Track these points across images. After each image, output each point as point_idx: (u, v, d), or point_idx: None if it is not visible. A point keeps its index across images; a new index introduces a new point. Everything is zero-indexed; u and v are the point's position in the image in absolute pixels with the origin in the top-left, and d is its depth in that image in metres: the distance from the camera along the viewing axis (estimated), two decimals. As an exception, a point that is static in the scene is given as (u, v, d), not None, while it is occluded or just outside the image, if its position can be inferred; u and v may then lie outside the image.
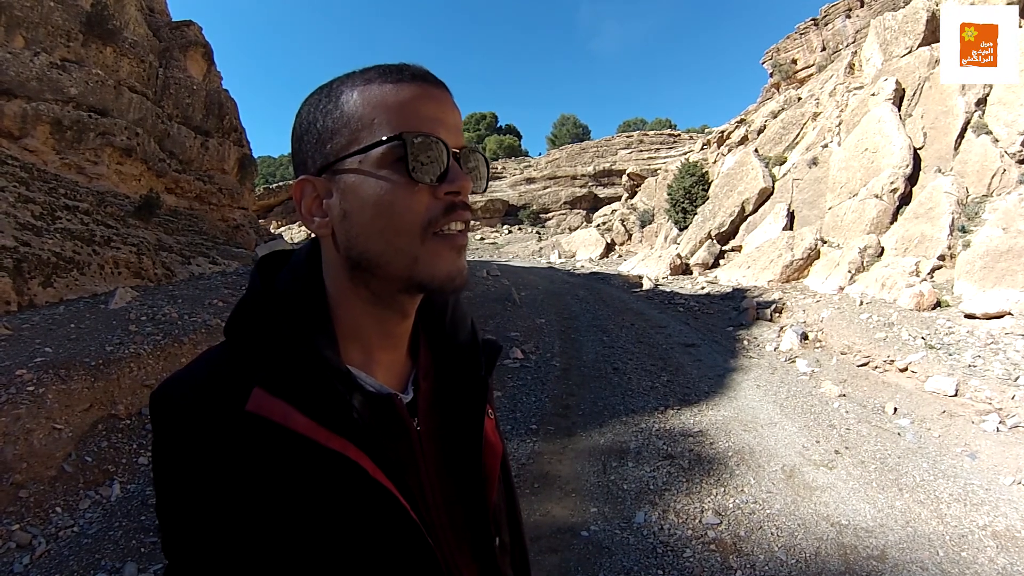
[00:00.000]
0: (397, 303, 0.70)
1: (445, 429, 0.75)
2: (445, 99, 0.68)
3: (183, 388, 0.64)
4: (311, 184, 0.67)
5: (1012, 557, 3.12)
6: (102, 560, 3.35)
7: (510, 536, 0.85)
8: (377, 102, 0.64)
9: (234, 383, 0.62)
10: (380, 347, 0.72)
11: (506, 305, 9.96)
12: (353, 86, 0.66)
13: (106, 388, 4.79)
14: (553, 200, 37.16)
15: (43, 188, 9.91)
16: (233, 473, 0.60)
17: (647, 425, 5.12)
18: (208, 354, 0.69)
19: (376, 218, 0.64)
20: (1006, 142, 9.04)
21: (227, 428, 0.60)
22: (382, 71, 0.66)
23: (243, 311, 0.68)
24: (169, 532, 0.64)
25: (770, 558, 3.20)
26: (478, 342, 0.82)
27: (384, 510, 0.63)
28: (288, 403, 0.61)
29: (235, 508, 0.60)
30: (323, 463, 0.61)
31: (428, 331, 0.80)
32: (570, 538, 3.42)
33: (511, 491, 0.88)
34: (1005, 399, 5.02)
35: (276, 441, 0.60)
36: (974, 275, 7.54)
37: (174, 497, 0.63)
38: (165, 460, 0.63)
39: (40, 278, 7.90)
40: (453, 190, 0.65)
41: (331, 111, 0.66)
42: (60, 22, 11.99)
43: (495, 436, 0.81)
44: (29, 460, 3.92)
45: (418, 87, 0.66)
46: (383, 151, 0.63)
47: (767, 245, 12.36)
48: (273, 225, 35.53)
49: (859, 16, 21.98)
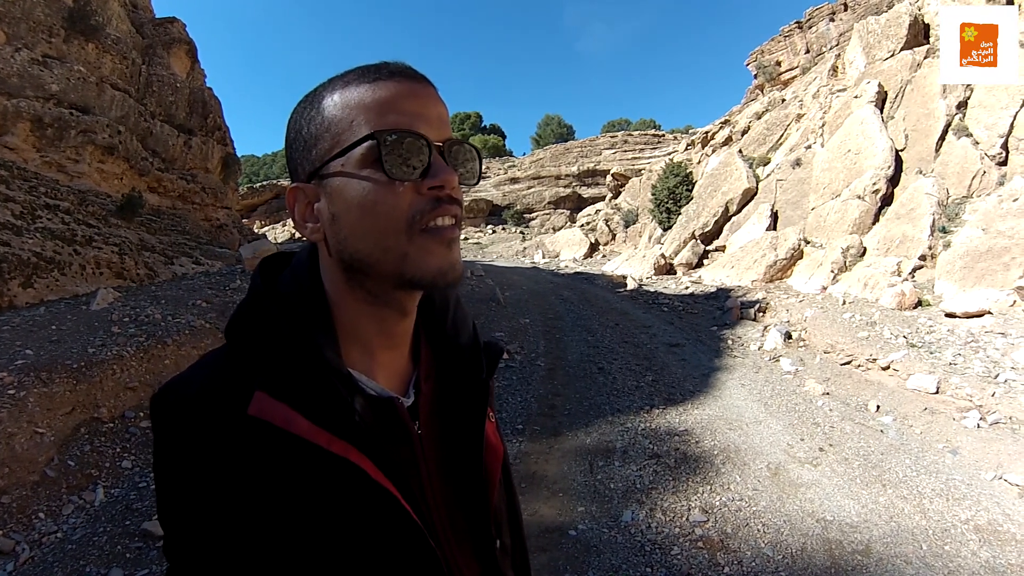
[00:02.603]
0: (395, 301, 0.70)
1: (446, 432, 0.75)
2: (426, 93, 0.67)
3: (185, 391, 0.64)
4: (302, 191, 0.67)
5: (994, 550, 3.17)
6: (87, 566, 3.30)
7: (511, 538, 0.85)
8: (355, 103, 0.64)
9: (236, 386, 0.62)
10: (381, 347, 0.72)
11: (490, 305, 9.96)
12: (333, 90, 0.66)
13: (89, 391, 4.72)
14: (537, 200, 37.24)
15: (23, 187, 9.76)
16: (235, 477, 0.60)
17: (633, 424, 5.15)
18: (209, 356, 0.69)
19: (362, 219, 0.64)
20: (986, 144, 9.20)
21: (229, 432, 0.60)
22: (361, 72, 0.66)
23: (245, 313, 0.68)
24: (171, 534, 0.64)
25: (757, 554, 3.23)
26: (480, 344, 0.82)
27: (386, 513, 0.63)
28: (290, 406, 0.61)
29: (237, 511, 0.60)
30: (325, 467, 0.61)
31: (429, 332, 0.79)
32: (558, 537, 3.43)
33: (512, 493, 0.88)
34: (985, 396, 5.11)
35: (278, 445, 0.60)
36: (955, 275, 7.67)
37: (176, 500, 0.63)
38: (167, 463, 0.63)
39: (20, 279, 7.78)
40: (436, 184, 0.64)
41: (314, 117, 0.66)
42: (42, 17, 11.83)
43: (496, 438, 0.81)
44: (11, 465, 3.85)
45: (396, 83, 0.65)
46: (362, 152, 0.63)
47: (751, 245, 12.47)
48: (256, 225, 35.27)
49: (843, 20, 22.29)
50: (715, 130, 21.57)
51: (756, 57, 26.53)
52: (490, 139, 46.29)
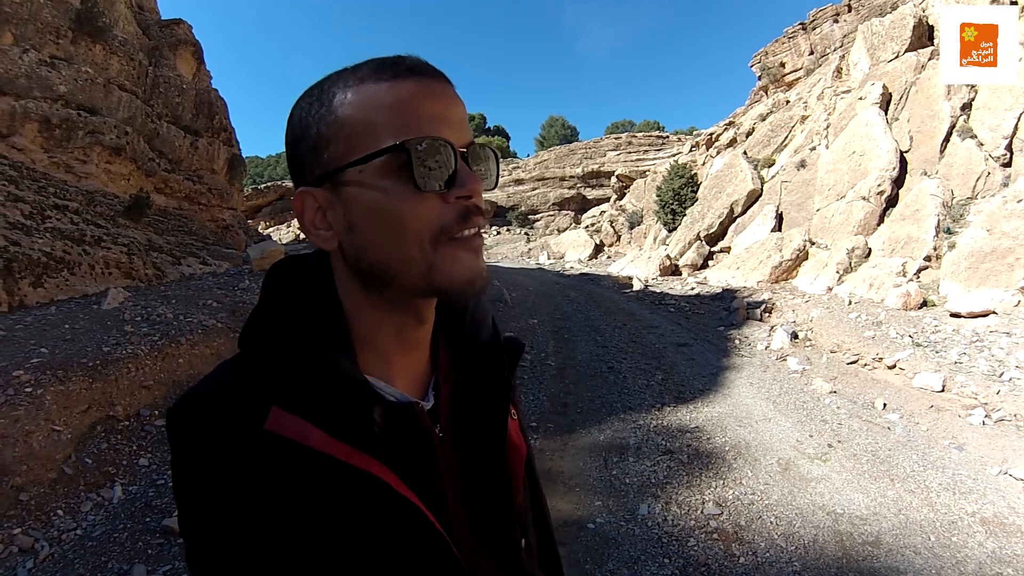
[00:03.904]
0: (414, 308, 0.67)
1: (468, 432, 0.73)
2: (447, 93, 0.63)
3: (200, 405, 0.62)
4: (311, 196, 0.63)
5: (1000, 542, 3.24)
6: (109, 563, 3.31)
7: (537, 537, 0.82)
8: (373, 104, 0.60)
9: (252, 399, 0.60)
10: (398, 352, 0.69)
11: (498, 306, 10.02)
12: (346, 86, 0.61)
13: (104, 389, 4.74)
14: (542, 201, 37.24)
15: (32, 187, 9.81)
16: (256, 492, 0.58)
17: (645, 422, 5.21)
18: (223, 367, 0.66)
19: (384, 229, 0.61)
20: (991, 146, 9.24)
21: (247, 448, 0.58)
22: (375, 67, 0.62)
23: (257, 321, 0.65)
24: (194, 549, 0.62)
25: (771, 545, 3.29)
26: (500, 341, 0.79)
27: (409, 523, 0.61)
28: (307, 420, 0.59)
29: (260, 526, 0.58)
30: (346, 480, 0.59)
31: (448, 332, 0.77)
32: (577, 531, 3.50)
33: (537, 492, 0.86)
34: (990, 394, 5.16)
35: (297, 459, 0.58)
36: (959, 275, 7.71)
37: (197, 515, 0.61)
38: (187, 478, 0.61)
39: (30, 278, 7.82)
40: (464, 195, 0.62)
41: (324, 116, 0.61)
42: (49, 19, 11.88)
43: (519, 437, 0.79)
44: (29, 462, 3.87)
45: (416, 83, 0.61)
46: (385, 160, 0.59)
47: (756, 246, 12.52)
48: (261, 226, 35.31)
49: (847, 21, 22.32)
50: (720, 132, 21.61)
51: (760, 58, 26.55)
52: (494, 140, 46.29)
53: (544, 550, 0.84)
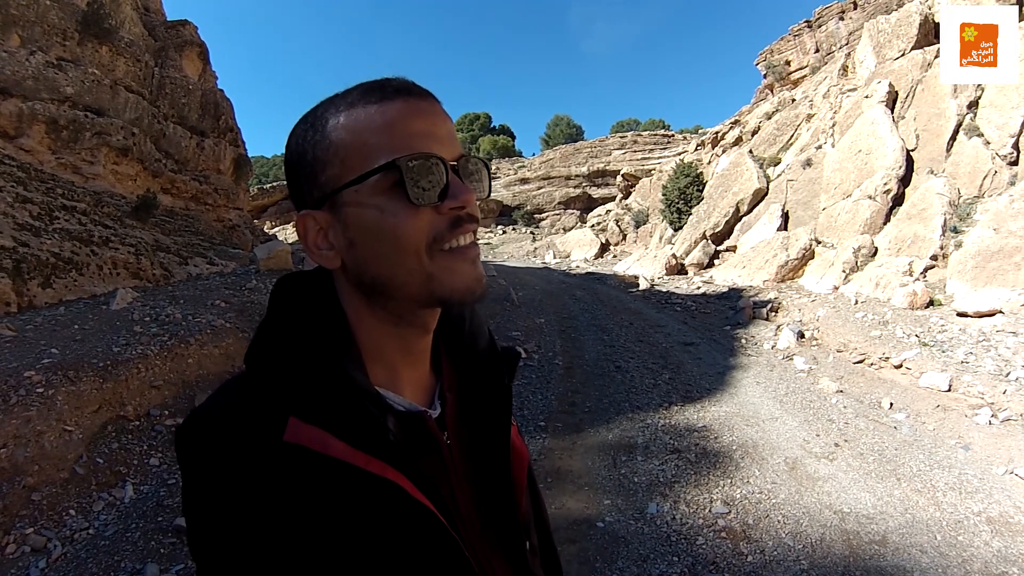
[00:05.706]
0: (418, 319, 0.70)
1: (473, 439, 0.76)
2: (434, 110, 0.66)
3: (215, 420, 0.62)
4: (312, 218, 0.66)
5: (1006, 541, 3.26)
6: (122, 562, 3.33)
7: (539, 538, 0.85)
8: (364, 126, 0.63)
9: (267, 412, 0.61)
10: (404, 364, 0.72)
11: (504, 305, 10.04)
12: (337, 111, 0.64)
13: (115, 389, 4.76)
14: (547, 200, 37.22)
15: (40, 188, 9.88)
16: (274, 504, 0.58)
17: (653, 421, 5.23)
18: (230, 385, 0.67)
19: (383, 244, 0.63)
20: (997, 144, 9.21)
21: (265, 460, 0.59)
22: (364, 90, 0.65)
23: (267, 338, 0.66)
24: (211, 567, 0.61)
25: (778, 544, 3.32)
26: (497, 350, 0.81)
27: (423, 527, 0.63)
28: (324, 430, 0.60)
29: (279, 538, 0.58)
30: (364, 487, 0.60)
31: (447, 343, 0.79)
32: (587, 529, 3.52)
33: (536, 494, 0.89)
34: (997, 394, 5.16)
35: (316, 469, 0.59)
36: (966, 274, 7.70)
37: (214, 534, 0.60)
38: (202, 499, 0.61)
39: (39, 279, 7.88)
40: (457, 206, 0.64)
41: (319, 141, 0.64)
42: (56, 21, 11.95)
43: (520, 442, 0.82)
44: (41, 462, 3.89)
45: (403, 102, 0.64)
46: (379, 178, 0.62)
47: (762, 245, 12.51)
48: (267, 225, 35.38)
49: (852, 18, 22.23)
50: (725, 130, 21.59)
51: (765, 56, 26.46)
52: (499, 140, 46.24)
53: (545, 551, 0.87)
